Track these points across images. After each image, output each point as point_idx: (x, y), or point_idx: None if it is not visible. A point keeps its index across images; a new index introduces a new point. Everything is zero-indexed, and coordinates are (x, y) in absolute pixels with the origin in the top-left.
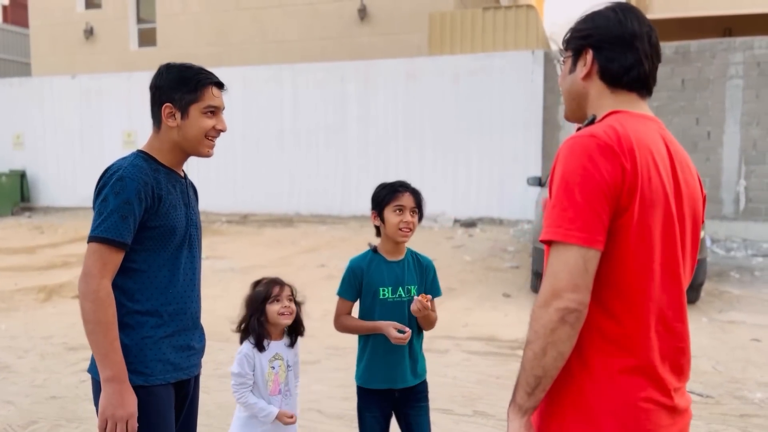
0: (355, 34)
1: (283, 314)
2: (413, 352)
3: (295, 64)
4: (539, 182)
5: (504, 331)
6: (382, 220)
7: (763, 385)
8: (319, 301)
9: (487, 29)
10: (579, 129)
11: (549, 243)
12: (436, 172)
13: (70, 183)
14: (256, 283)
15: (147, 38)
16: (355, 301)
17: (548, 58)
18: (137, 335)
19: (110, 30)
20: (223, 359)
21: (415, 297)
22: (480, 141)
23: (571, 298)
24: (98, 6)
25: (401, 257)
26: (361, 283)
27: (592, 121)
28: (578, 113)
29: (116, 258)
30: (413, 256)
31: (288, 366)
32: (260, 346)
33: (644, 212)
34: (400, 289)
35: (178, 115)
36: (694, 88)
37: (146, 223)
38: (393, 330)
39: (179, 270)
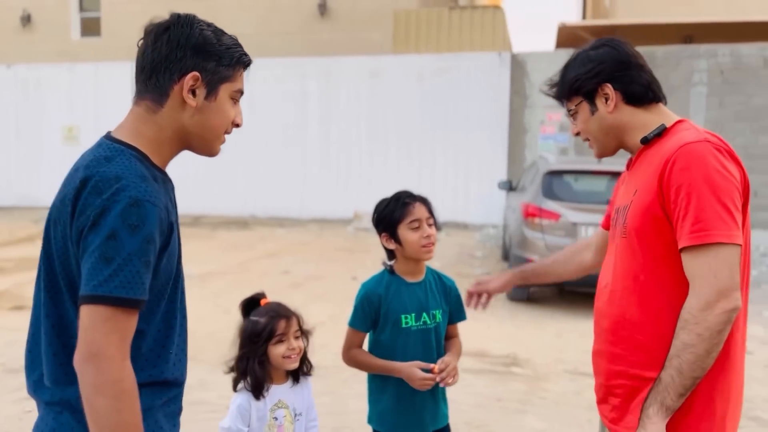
0: (315, 29)
1: (288, 357)
2: (436, 392)
3: (252, 59)
4: (510, 186)
5: (493, 345)
6: (398, 241)
7: None
8: (308, 321)
9: (452, 29)
10: (646, 140)
11: (693, 247)
12: (400, 174)
13: (5, 180)
14: (248, 304)
15: (90, 28)
16: (368, 331)
17: (515, 61)
18: None
19: (50, 18)
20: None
21: (436, 370)
22: (445, 143)
23: (737, 296)
24: None
25: (421, 278)
26: (378, 311)
27: (660, 133)
28: (614, 146)
29: (134, 324)
30: (435, 276)
31: (296, 415)
32: (258, 393)
33: (747, 208)
34: (425, 314)
35: (201, 92)
36: None
37: (155, 266)
38: (418, 371)
39: (176, 321)
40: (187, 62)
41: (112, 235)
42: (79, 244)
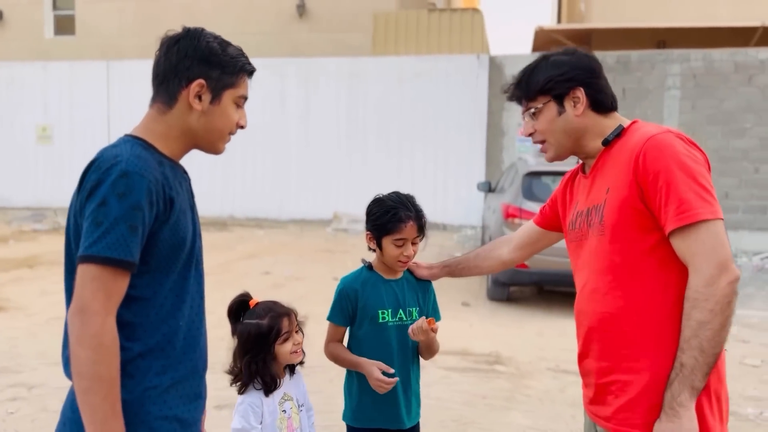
0: (294, 30)
1: (296, 352)
2: (409, 388)
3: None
4: (489, 187)
5: (475, 344)
6: (380, 247)
7: (749, 399)
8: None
9: (432, 31)
10: (606, 141)
11: (682, 228)
12: (379, 176)
13: None
14: (238, 305)
15: (64, 26)
16: (347, 326)
17: (493, 63)
18: (138, 386)
19: (23, 15)
20: None
21: (418, 319)
22: (424, 144)
23: (734, 267)
24: None
25: (399, 275)
26: (355, 306)
27: (619, 133)
28: (570, 149)
29: (122, 285)
30: (412, 275)
31: (300, 405)
32: (271, 389)
33: None
34: (401, 311)
35: (207, 98)
36: (634, 97)
37: (154, 235)
38: (377, 371)
39: (187, 295)
40: (194, 70)
41: (103, 202)
42: (81, 214)
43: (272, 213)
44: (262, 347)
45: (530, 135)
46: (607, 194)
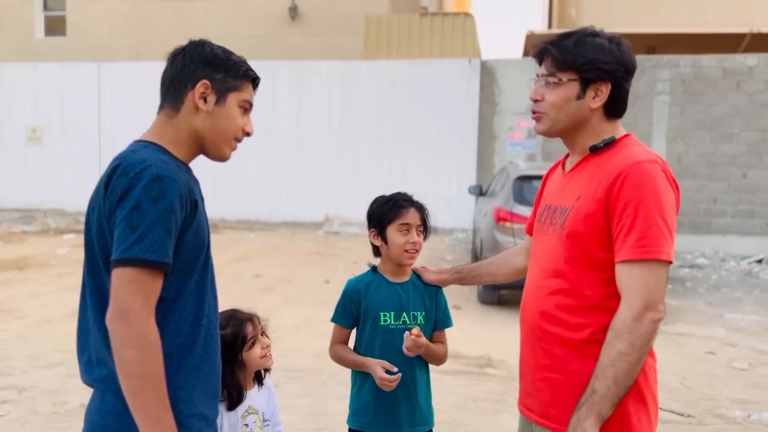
0: (285, 33)
1: (266, 356)
2: (414, 393)
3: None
4: (480, 191)
5: (467, 347)
6: (384, 240)
7: (737, 402)
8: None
9: (423, 35)
10: (595, 148)
11: (632, 260)
12: (371, 179)
13: None
14: None
15: (55, 27)
16: (352, 328)
17: (484, 68)
18: (171, 386)
19: (13, 16)
20: None
21: (406, 333)
22: (415, 148)
23: (661, 309)
24: None
25: (405, 278)
26: (358, 308)
27: (609, 143)
28: (564, 133)
29: (158, 286)
30: (420, 279)
31: (265, 420)
32: (235, 404)
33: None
34: (405, 314)
35: (212, 99)
36: None
37: (180, 237)
38: (381, 369)
39: (206, 296)
40: (198, 73)
41: (136, 206)
42: (111, 219)
43: (263, 215)
44: (229, 358)
45: (535, 101)
46: (576, 201)
